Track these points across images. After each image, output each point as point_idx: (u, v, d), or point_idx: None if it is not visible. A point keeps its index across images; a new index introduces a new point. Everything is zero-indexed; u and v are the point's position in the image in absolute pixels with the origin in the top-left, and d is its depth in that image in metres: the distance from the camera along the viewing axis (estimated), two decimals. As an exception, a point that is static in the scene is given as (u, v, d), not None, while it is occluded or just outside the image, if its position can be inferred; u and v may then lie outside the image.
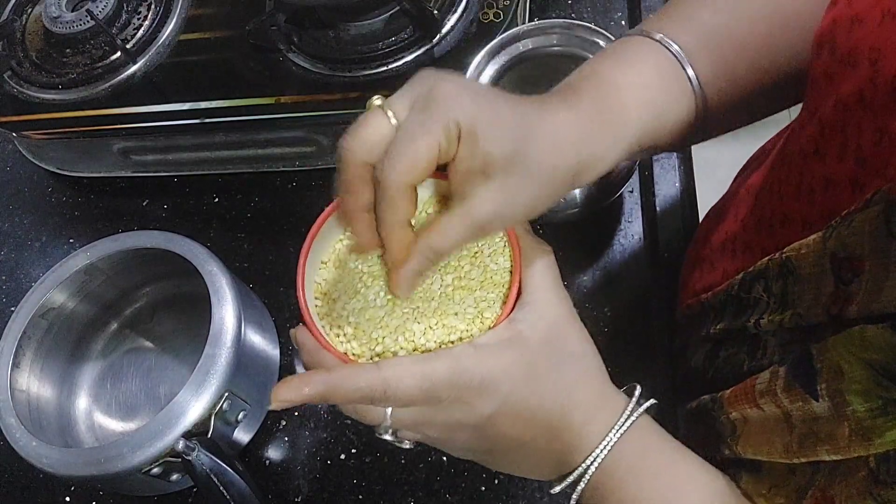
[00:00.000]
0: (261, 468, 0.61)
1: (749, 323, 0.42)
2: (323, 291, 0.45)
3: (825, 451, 0.34)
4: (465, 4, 0.67)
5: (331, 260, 0.46)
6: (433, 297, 0.42)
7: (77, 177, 0.76)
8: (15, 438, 0.54)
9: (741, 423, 0.41)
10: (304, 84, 0.66)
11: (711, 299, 0.49)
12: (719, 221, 0.54)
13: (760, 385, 0.38)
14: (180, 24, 0.72)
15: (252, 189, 0.72)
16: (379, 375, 0.37)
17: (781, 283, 0.39)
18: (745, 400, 0.40)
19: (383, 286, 0.43)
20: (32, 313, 0.59)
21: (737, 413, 0.41)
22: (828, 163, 0.37)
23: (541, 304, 0.41)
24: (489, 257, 0.43)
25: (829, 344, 0.33)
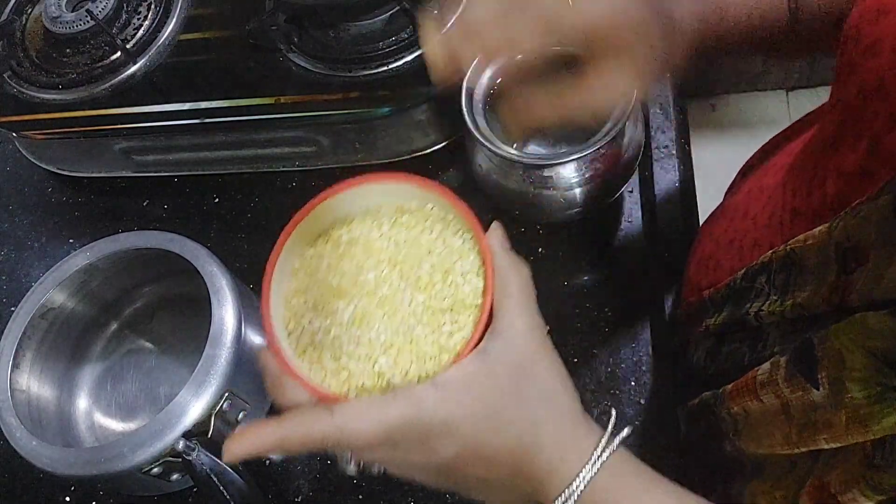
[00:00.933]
0: (261, 468, 0.61)
1: (749, 315, 0.42)
2: (292, 308, 0.43)
3: (824, 439, 0.34)
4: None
5: (302, 268, 0.44)
6: (403, 317, 0.41)
7: (77, 177, 0.76)
8: (15, 438, 0.54)
9: (742, 418, 0.41)
10: (304, 84, 0.66)
11: (713, 294, 0.49)
12: (727, 220, 0.54)
13: (762, 376, 0.38)
14: (180, 24, 0.72)
15: (252, 189, 0.72)
16: (332, 423, 0.36)
17: (784, 275, 0.39)
18: (747, 393, 0.39)
19: (354, 301, 0.41)
20: (32, 313, 0.59)
21: (738, 407, 0.41)
22: (842, 153, 0.37)
23: (512, 333, 0.39)
24: (462, 276, 0.42)
25: (830, 332, 0.33)
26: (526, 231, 0.66)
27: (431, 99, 0.64)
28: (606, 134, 0.55)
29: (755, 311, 0.41)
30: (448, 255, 0.43)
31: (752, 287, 0.43)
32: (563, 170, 0.57)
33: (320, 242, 0.45)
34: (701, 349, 0.51)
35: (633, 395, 0.58)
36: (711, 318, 0.48)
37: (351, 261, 0.43)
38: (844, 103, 0.38)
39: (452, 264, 0.42)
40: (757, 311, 0.41)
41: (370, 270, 0.43)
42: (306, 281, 0.44)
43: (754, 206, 0.50)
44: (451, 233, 0.44)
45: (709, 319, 0.49)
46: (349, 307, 0.41)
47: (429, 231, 0.44)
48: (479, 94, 0.60)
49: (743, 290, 0.44)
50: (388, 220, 0.45)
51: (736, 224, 0.52)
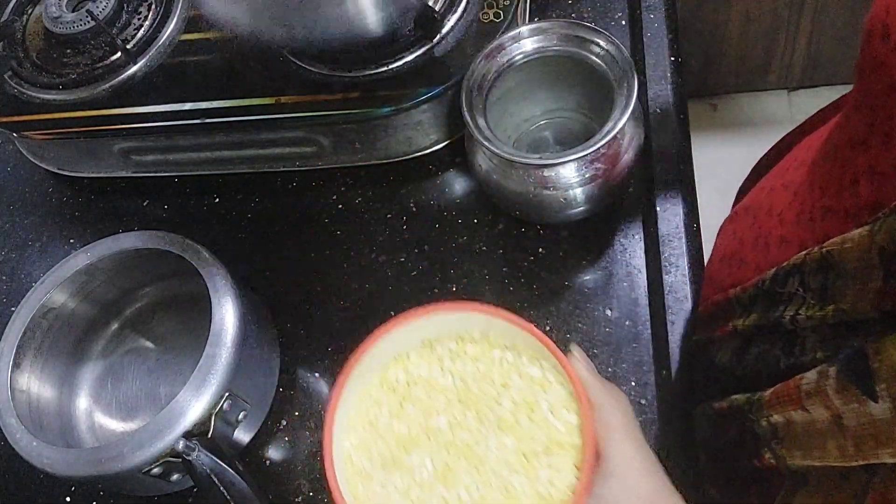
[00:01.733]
0: (261, 468, 0.61)
1: (784, 318, 0.40)
2: (357, 469, 0.38)
3: (888, 454, 0.32)
4: (465, 4, 0.67)
5: (359, 419, 0.39)
6: (493, 467, 0.36)
7: (77, 177, 0.76)
8: (15, 439, 0.54)
9: (784, 427, 0.39)
10: (304, 84, 0.66)
11: (740, 294, 0.47)
12: (750, 217, 0.53)
13: (807, 386, 0.36)
14: (181, 24, 0.72)
15: (252, 189, 0.72)
16: None
17: (821, 278, 0.37)
18: (789, 402, 0.37)
19: (430, 453, 0.36)
20: (33, 314, 0.59)
21: (779, 416, 0.38)
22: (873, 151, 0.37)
23: (626, 473, 0.35)
24: (551, 412, 0.37)
25: (887, 342, 0.31)
26: (526, 231, 0.66)
27: (431, 99, 0.64)
28: (606, 134, 0.55)
29: (791, 315, 0.39)
30: (529, 387, 0.38)
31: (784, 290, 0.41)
32: (563, 170, 0.57)
33: (374, 386, 0.40)
34: (726, 349, 0.49)
35: (634, 395, 0.58)
36: (739, 318, 0.46)
37: (414, 405, 0.38)
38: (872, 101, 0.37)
39: (536, 399, 0.37)
40: (793, 316, 0.39)
41: (440, 415, 0.38)
42: (367, 434, 0.38)
43: (779, 203, 0.49)
44: (525, 362, 0.39)
45: (736, 320, 0.47)
46: (426, 461, 0.36)
47: (499, 362, 0.39)
48: (479, 94, 0.60)
49: (773, 292, 0.42)
50: (449, 354, 0.40)
51: (760, 221, 0.51)
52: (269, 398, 0.62)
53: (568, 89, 0.65)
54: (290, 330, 0.66)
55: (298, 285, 0.67)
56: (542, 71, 0.63)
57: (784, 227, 0.47)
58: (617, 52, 0.58)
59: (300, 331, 0.65)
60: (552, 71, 0.63)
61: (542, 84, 0.65)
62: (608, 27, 0.72)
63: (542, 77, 0.63)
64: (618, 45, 0.58)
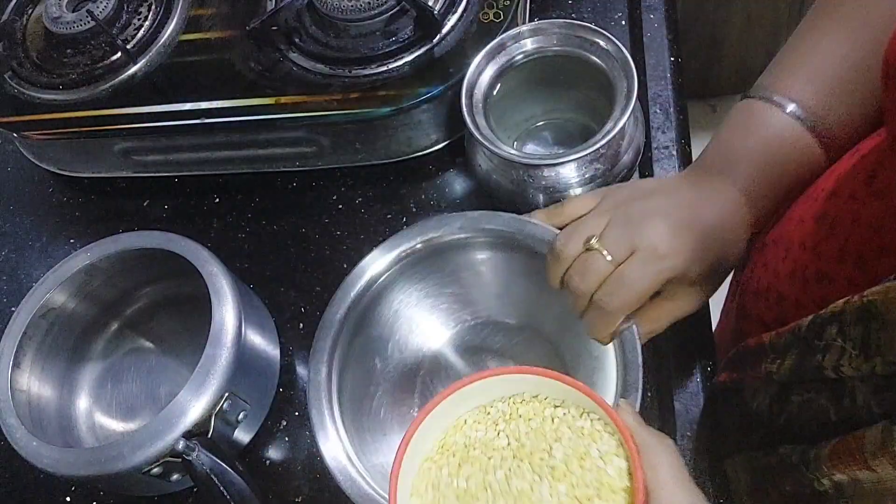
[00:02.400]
0: (261, 468, 0.61)
1: (825, 367, 0.39)
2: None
3: None
4: (465, 4, 0.67)
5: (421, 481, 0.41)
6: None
7: (78, 177, 0.76)
8: (15, 439, 0.54)
9: (851, 486, 0.38)
10: (304, 84, 0.66)
11: (775, 339, 0.46)
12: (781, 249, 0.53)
13: (871, 445, 0.35)
14: (181, 24, 0.72)
15: (252, 189, 0.72)
16: None
17: (862, 329, 0.36)
18: (853, 461, 0.36)
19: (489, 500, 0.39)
20: (33, 313, 0.59)
21: (843, 475, 0.37)
22: None
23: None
24: (602, 459, 0.39)
25: None
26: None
27: (431, 99, 0.64)
28: (606, 134, 0.55)
29: (832, 364, 0.38)
30: (579, 439, 0.40)
31: (822, 339, 0.40)
32: (563, 170, 0.57)
33: (434, 451, 0.42)
34: (762, 396, 0.47)
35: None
36: (773, 364, 0.45)
37: (472, 465, 0.40)
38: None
39: (587, 448, 0.39)
40: (836, 366, 0.38)
41: (497, 469, 0.40)
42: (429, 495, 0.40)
43: (812, 237, 0.49)
44: (574, 415, 0.41)
45: (770, 365, 0.46)
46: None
47: (550, 419, 0.41)
48: (479, 94, 0.60)
49: (810, 340, 0.41)
50: (503, 416, 0.42)
51: (794, 255, 0.50)
52: (269, 398, 0.62)
53: (568, 89, 0.65)
54: (290, 330, 0.66)
55: (298, 285, 0.67)
56: (542, 71, 0.63)
57: (822, 262, 0.47)
58: (617, 52, 0.58)
59: (300, 331, 0.65)
60: (552, 71, 0.63)
61: (542, 84, 0.64)
62: (608, 27, 0.72)
63: (542, 77, 0.63)
64: (618, 45, 0.58)
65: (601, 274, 0.48)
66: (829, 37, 0.51)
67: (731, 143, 0.53)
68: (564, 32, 0.60)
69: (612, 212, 0.50)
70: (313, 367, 0.53)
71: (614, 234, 0.48)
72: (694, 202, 0.50)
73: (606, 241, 0.48)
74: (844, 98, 0.50)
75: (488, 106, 0.60)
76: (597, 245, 0.48)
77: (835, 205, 0.47)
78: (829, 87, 0.50)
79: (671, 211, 0.49)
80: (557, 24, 0.60)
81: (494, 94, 0.61)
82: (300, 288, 0.67)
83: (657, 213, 0.49)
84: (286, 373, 0.64)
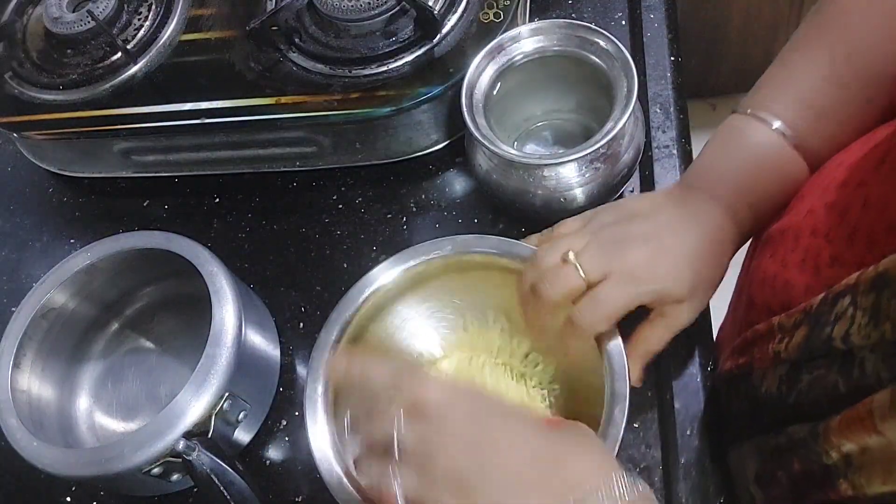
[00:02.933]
0: (261, 468, 0.61)
1: (834, 338, 0.39)
2: None
3: None
4: (465, 4, 0.67)
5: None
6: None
7: (78, 177, 0.76)
8: (16, 439, 0.54)
9: (859, 454, 0.38)
10: (305, 84, 0.66)
11: (784, 320, 0.46)
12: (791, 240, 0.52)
13: (879, 409, 0.35)
14: (181, 24, 0.72)
15: (252, 189, 0.73)
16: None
17: (874, 297, 0.37)
18: (862, 428, 0.36)
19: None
20: (33, 313, 0.59)
21: (852, 444, 0.38)
22: None
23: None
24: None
25: None
26: (526, 231, 0.66)
27: (431, 99, 0.64)
28: (606, 134, 0.55)
29: (841, 335, 0.39)
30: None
31: (833, 312, 0.40)
32: (563, 170, 0.57)
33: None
34: (771, 378, 0.47)
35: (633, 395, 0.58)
36: (780, 343, 0.45)
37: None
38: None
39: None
40: (845, 336, 0.38)
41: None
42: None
43: (824, 224, 0.48)
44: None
45: (778, 345, 0.46)
46: None
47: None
48: (479, 94, 0.60)
49: (820, 315, 0.41)
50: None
51: (804, 243, 0.50)
52: (269, 398, 0.62)
53: (568, 89, 0.65)
54: (290, 330, 0.66)
55: (298, 285, 0.67)
56: (542, 71, 0.63)
57: (833, 247, 0.46)
58: (617, 52, 0.58)
59: (300, 331, 0.65)
60: (552, 71, 0.63)
61: (542, 84, 0.65)
62: (608, 27, 0.72)
63: (542, 77, 0.63)
64: (618, 45, 0.58)
65: (571, 287, 0.50)
66: (810, 56, 0.53)
67: (717, 159, 0.54)
68: (564, 32, 0.60)
69: (595, 233, 0.52)
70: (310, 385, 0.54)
71: (592, 253, 0.50)
72: (677, 223, 0.51)
73: (583, 259, 0.50)
74: (829, 117, 0.51)
75: (488, 106, 0.60)
76: (573, 259, 0.50)
77: (845, 193, 0.47)
78: (813, 106, 0.52)
79: (653, 235, 0.51)
80: (557, 24, 0.60)
81: (494, 94, 0.61)
82: (300, 288, 0.67)
83: (638, 237, 0.50)
84: (286, 373, 0.64)
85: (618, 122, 0.55)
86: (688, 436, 0.54)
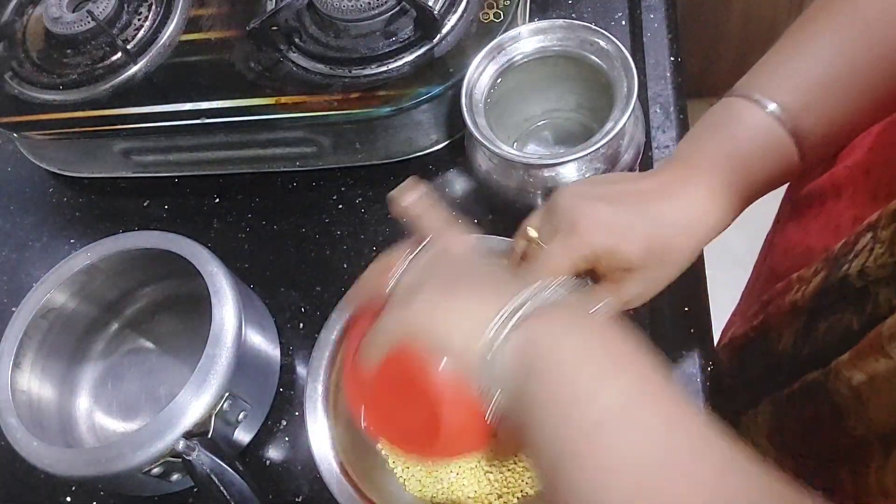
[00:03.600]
0: (261, 468, 0.61)
1: (850, 275, 0.39)
2: None
3: None
4: (465, 4, 0.67)
5: None
6: None
7: (78, 177, 0.76)
8: (16, 439, 0.54)
9: (868, 386, 0.37)
10: (305, 84, 0.66)
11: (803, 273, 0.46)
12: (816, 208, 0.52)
13: (888, 330, 0.35)
14: (181, 24, 0.72)
15: (252, 189, 0.73)
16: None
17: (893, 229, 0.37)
18: (870, 353, 0.36)
19: None
20: (33, 314, 0.59)
21: (861, 374, 0.37)
22: None
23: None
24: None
25: None
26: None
27: (431, 99, 0.64)
28: (606, 134, 0.55)
29: (857, 269, 0.38)
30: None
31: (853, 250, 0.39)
32: (563, 170, 0.57)
33: None
34: (788, 334, 0.46)
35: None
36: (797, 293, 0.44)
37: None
38: None
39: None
40: (861, 269, 0.38)
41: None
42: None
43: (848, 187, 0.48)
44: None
45: (794, 295, 0.45)
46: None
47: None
48: (479, 94, 0.60)
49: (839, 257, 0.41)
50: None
51: (828, 208, 0.50)
52: (269, 398, 0.62)
53: (568, 89, 0.65)
54: (290, 330, 0.66)
55: (298, 285, 0.67)
56: (541, 71, 0.63)
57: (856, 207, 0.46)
58: (617, 52, 0.58)
59: (300, 331, 0.65)
60: (552, 71, 0.63)
61: (542, 84, 0.65)
62: (608, 27, 0.72)
63: (542, 77, 0.63)
64: (618, 45, 0.58)
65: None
66: (816, 39, 0.50)
67: (707, 137, 0.51)
68: (564, 32, 0.60)
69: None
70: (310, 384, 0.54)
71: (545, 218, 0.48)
72: (648, 191, 0.48)
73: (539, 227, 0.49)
74: (828, 102, 0.49)
75: (488, 106, 0.60)
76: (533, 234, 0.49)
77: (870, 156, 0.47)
78: (813, 90, 0.49)
79: (615, 196, 0.47)
80: (557, 24, 0.60)
81: (494, 94, 0.61)
82: (300, 288, 0.67)
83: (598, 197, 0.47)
84: (286, 373, 0.64)
85: (618, 122, 0.55)
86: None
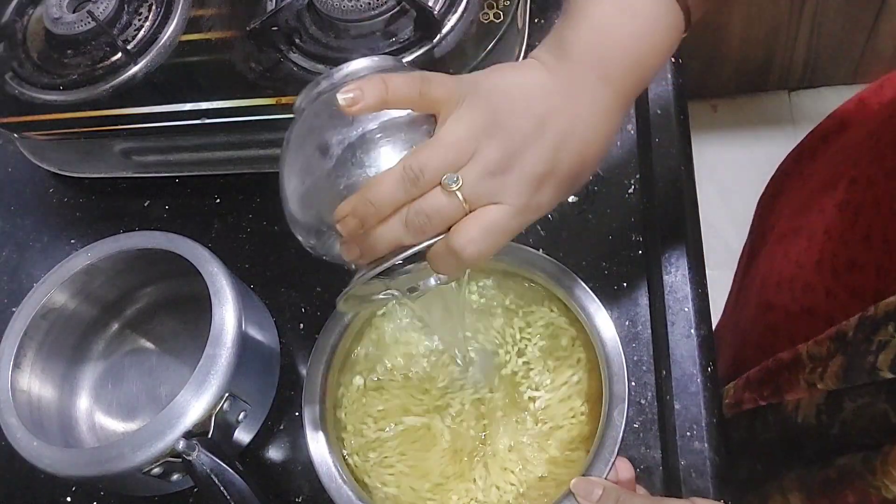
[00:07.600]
0: (261, 468, 0.61)
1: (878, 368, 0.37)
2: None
3: None
4: (465, 4, 0.67)
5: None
6: None
7: (78, 177, 0.76)
8: (16, 439, 0.54)
9: None
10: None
11: (812, 348, 0.44)
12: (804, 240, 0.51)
13: None
14: (181, 24, 0.72)
15: (253, 190, 0.73)
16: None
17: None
18: None
19: None
20: (33, 314, 0.59)
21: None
22: None
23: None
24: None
25: None
26: (526, 231, 0.65)
27: (432, 99, 0.64)
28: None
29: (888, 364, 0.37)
30: None
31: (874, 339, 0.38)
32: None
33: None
34: (808, 407, 0.45)
35: (634, 395, 0.58)
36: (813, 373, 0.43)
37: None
38: None
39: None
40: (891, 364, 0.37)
41: None
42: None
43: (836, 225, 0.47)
44: None
45: (810, 375, 0.43)
46: None
47: None
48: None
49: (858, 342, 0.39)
50: None
51: (818, 244, 0.48)
52: (269, 398, 0.62)
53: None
54: (290, 330, 0.66)
55: (298, 285, 0.67)
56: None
57: (850, 250, 0.45)
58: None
59: (300, 331, 0.65)
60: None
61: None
62: (608, 27, 0.72)
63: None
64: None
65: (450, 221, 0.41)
66: None
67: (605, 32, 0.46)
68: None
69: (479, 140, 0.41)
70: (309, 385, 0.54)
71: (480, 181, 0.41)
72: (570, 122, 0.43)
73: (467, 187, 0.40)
74: None
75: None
76: (456, 189, 0.40)
77: (855, 193, 0.46)
78: None
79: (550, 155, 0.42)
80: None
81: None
82: (300, 288, 0.67)
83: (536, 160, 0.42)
84: (286, 373, 0.64)
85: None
86: (688, 437, 0.54)
